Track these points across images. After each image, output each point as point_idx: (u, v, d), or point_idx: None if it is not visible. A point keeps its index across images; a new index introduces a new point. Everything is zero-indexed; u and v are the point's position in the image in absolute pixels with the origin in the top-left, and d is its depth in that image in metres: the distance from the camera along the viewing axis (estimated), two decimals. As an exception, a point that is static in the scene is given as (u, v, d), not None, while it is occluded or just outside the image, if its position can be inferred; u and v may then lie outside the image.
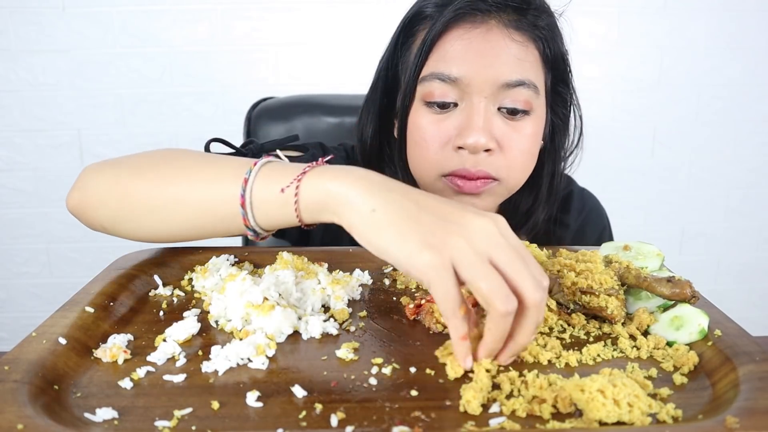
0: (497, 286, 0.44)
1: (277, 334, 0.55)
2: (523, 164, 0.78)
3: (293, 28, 2.00)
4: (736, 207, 2.28)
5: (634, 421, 0.42)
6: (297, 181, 0.55)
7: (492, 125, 0.75)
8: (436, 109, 0.77)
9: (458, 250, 0.45)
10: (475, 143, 0.73)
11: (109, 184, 0.63)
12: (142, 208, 0.62)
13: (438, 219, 0.47)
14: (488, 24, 0.75)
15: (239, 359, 0.51)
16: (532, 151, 0.79)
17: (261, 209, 0.57)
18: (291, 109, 1.21)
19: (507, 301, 0.45)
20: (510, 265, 0.45)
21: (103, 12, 1.93)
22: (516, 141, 0.76)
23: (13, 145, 2.03)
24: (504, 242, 0.46)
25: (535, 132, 0.78)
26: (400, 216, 0.48)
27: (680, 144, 2.19)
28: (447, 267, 0.45)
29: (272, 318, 0.56)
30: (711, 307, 0.59)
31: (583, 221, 0.95)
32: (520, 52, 0.75)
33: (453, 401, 0.45)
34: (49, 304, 2.18)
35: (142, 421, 0.43)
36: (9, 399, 0.43)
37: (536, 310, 0.46)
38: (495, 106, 0.75)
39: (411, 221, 0.47)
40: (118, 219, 0.64)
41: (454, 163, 0.76)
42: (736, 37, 2.10)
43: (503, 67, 0.73)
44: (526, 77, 0.74)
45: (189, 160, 0.62)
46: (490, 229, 0.46)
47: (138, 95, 2.01)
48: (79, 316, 0.56)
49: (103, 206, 0.64)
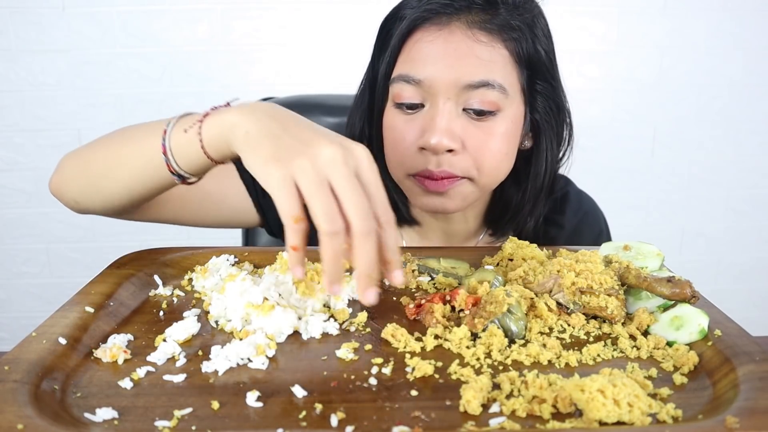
0: (326, 205, 0.48)
1: (277, 334, 0.55)
2: (492, 164, 0.78)
3: (293, 28, 2.00)
4: (736, 207, 2.28)
5: (634, 421, 0.42)
6: (200, 121, 0.60)
7: (456, 126, 0.75)
8: (405, 110, 0.78)
9: (300, 169, 0.49)
10: (436, 144, 0.74)
11: (76, 163, 0.73)
12: (95, 175, 0.70)
13: (295, 141, 0.51)
14: (452, 26, 0.75)
15: (239, 359, 0.51)
16: (502, 150, 0.78)
17: (178, 152, 0.62)
18: (291, 109, 1.21)
19: (331, 222, 0.47)
20: (344, 192, 0.49)
21: (103, 12, 1.93)
22: (482, 141, 0.76)
23: (13, 145, 2.03)
24: (345, 170, 0.49)
25: (506, 132, 0.77)
26: (265, 136, 0.53)
27: (680, 144, 2.19)
28: (288, 181, 0.49)
29: (272, 318, 0.56)
30: (711, 307, 0.59)
31: (579, 223, 0.94)
32: (484, 53, 0.74)
33: (453, 401, 0.45)
34: (49, 304, 2.18)
35: (142, 421, 0.43)
36: (9, 399, 0.43)
37: (362, 238, 0.48)
38: (460, 107, 0.75)
39: (272, 141, 0.52)
40: (83, 191, 0.72)
41: (419, 163, 0.77)
42: (736, 37, 2.10)
43: (465, 68, 0.73)
44: (491, 78, 0.74)
45: (132, 127, 0.69)
46: (336, 156, 0.49)
47: (138, 95, 2.01)
48: (79, 316, 0.56)
49: (72, 181, 0.73)
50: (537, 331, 0.56)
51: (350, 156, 0.50)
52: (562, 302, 0.59)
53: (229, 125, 0.56)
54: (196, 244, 0.76)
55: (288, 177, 0.49)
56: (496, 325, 0.54)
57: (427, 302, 0.60)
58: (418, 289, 0.67)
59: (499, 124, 0.76)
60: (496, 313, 0.55)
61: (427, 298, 0.60)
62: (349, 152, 0.51)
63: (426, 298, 0.60)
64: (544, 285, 0.61)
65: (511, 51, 0.76)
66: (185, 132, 0.61)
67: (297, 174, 0.49)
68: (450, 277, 0.67)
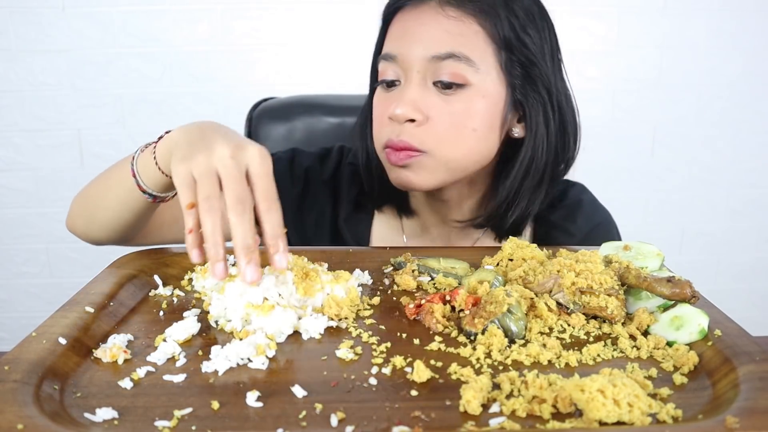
0: (207, 187, 0.56)
1: (277, 334, 0.55)
2: (456, 137, 0.78)
3: (293, 28, 2.00)
4: (736, 207, 2.28)
5: (634, 421, 0.42)
6: (155, 142, 0.68)
7: (423, 97, 0.77)
8: (385, 87, 0.82)
9: (196, 163, 0.57)
10: (399, 113, 0.76)
11: (78, 199, 0.81)
12: (92, 205, 0.78)
13: (203, 144, 0.59)
14: (425, 5, 0.78)
15: (239, 359, 0.51)
16: (468, 125, 0.78)
17: (143, 172, 0.69)
18: (291, 110, 1.21)
19: (207, 200, 0.56)
20: (225, 179, 0.57)
21: (103, 12, 1.93)
22: (447, 113, 0.77)
23: (13, 145, 2.03)
24: (231, 163, 0.57)
25: (475, 107, 0.77)
26: (185, 142, 0.61)
27: (680, 144, 2.19)
28: (186, 175, 0.58)
29: (272, 318, 0.56)
30: (711, 307, 0.59)
31: (590, 233, 0.92)
32: (453, 27, 0.76)
33: (453, 401, 0.45)
34: (49, 304, 2.18)
35: (142, 421, 0.43)
36: (9, 399, 0.43)
37: (234, 215, 0.55)
38: (430, 80, 0.77)
39: (187, 146, 0.60)
40: (86, 222, 0.80)
41: (386, 133, 0.80)
42: (736, 37, 2.10)
43: (431, 41, 0.76)
44: (457, 50, 0.75)
45: (121, 159, 0.76)
46: (225, 153, 0.57)
47: (138, 95, 2.01)
48: (79, 316, 0.56)
49: (78, 217, 0.81)
50: (537, 331, 0.56)
51: (241, 153, 0.58)
52: (562, 302, 0.59)
53: (169, 139, 0.65)
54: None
55: (187, 171, 0.58)
56: (496, 325, 0.54)
57: (427, 302, 0.60)
58: (418, 289, 0.67)
59: (470, 97, 0.77)
60: (496, 313, 0.55)
61: (427, 298, 0.60)
62: (240, 150, 0.58)
63: (426, 298, 0.60)
64: (544, 285, 0.61)
65: (486, 29, 0.77)
66: (142, 152, 0.70)
67: (193, 168, 0.58)
68: (450, 277, 0.67)
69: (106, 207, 0.76)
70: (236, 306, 0.58)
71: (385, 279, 0.70)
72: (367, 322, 0.59)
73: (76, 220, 0.81)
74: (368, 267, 0.71)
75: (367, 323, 0.59)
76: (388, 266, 0.72)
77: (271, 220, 0.58)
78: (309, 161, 0.96)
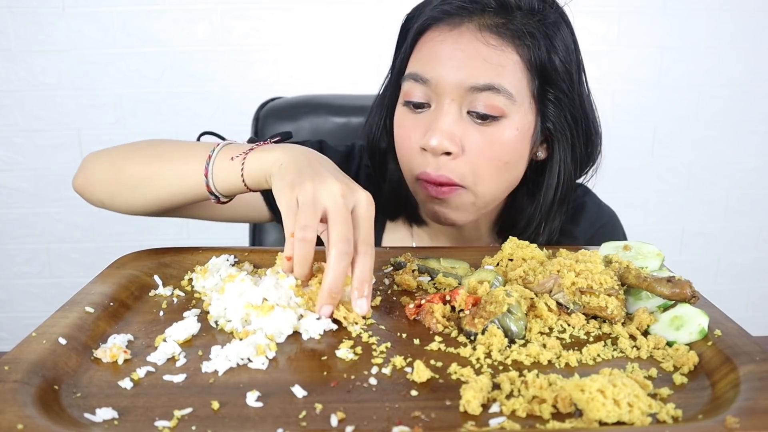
0: (307, 218, 0.57)
1: (277, 335, 0.55)
2: (491, 172, 0.76)
3: (293, 28, 2.00)
4: (736, 207, 2.28)
5: (634, 421, 0.42)
6: (245, 153, 0.68)
7: (458, 129, 0.74)
8: (413, 109, 0.78)
9: (303, 191, 0.58)
10: (435, 145, 0.73)
11: (105, 167, 0.78)
12: (131, 184, 0.76)
13: (312, 174, 0.60)
14: (463, 27, 0.74)
15: (239, 359, 0.51)
16: (503, 158, 0.76)
17: (218, 177, 0.70)
18: (298, 109, 1.22)
19: (303, 230, 0.56)
20: (333, 218, 0.57)
21: (103, 12, 1.93)
22: (482, 146, 0.74)
23: (13, 145, 2.03)
24: (341, 202, 0.58)
25: (510, 139, 0.75)
26: (292, 168, 0.62)
27: (680, 144, 2.19)
28: (292, 203, 0.59)
29: (272, 318, 0.56)
30: (711, 307, 0.59)
31: (594, 235, 0.92)
32: (492, 56, 0.73)
33: (453, 401, 0.45)
34: (49, 304, 2.18)
35: (142, 421, 0.43)
36: (9, 399, 0.43)
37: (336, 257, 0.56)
38: (464, 109, 0.74)
39: (295, 172, 0.61)
40: (114, 195, 0.77)
41: (419, 164, 0.77)
42: (736, 37, 2.10)
43: (471, 70, 0.73)
44: (497, 82, 0.73)
45: (168, 145, 0.76)
46: (336, 190, 0.58)
47: (138, 95, 2.01)
48: (79, 316, 0.56)
49: (102, 185, 0.78)
50: (537, 331, 0.56)
51: (350, 194, 0.59)
52: (562, 302, 0.59)
53: (273, 159, 0.65)
54: (196, 244, 0.76)
55: (294, 199, 0.58)
56: (496, 325, 0.54)
57: (427, 302, 0.60)
58: (418, 289, 0.67)
59: (503, 130, 0.75)
60: (496, 313, 0.55)
61: (427, 298, 0.60)
62: (350, 191, 0.59)
63: (426, 298, 0.60)
64: (544, 285, 0.61)
65: (523, 57, 0.74)
66: (231, 160, 0.68)
67: (299, 194, 0.58)
68: (450, 277, 0.67)
69: (153, 192, 0.74)
70: (236, 306, 0.58)
71: (385, 279, 0.70)
72: (368, 322, 0.59)
73: (98, 187, 0.78)
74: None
75: (368, 323, 0.59)
76: (388, 266, 0.72)
77: (363, 265, 0.58)
78: (336, 159, 0.92)
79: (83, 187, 0.79)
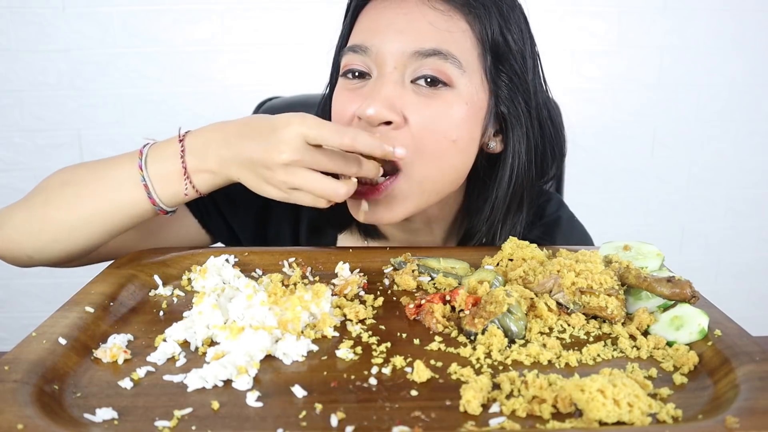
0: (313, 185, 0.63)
1: (247, 359, 0.50)
2: (435, 149, 0.69)
3: (293, 28, 2.00)
4: (736, 207, 2.28)
5: (634, 421, 0.42)
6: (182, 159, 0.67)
7: (400, 97, 0.68)
8: (350, 79, 0.72)
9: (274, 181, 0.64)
10: (373, 114, 0.66)
11: (24, 220, 0.70)
12: (61, 231, 0.69)
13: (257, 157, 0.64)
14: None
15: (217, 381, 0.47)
16: (450, 135, 0.69)
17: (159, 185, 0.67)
18: (295, 109, 1.20)
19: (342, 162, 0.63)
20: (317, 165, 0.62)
21: (103, 12, 1.93)
22: (427, 118, 0.68)
23: (13, 145, 2.02)
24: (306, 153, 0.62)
25: (458, 114, 0.69)
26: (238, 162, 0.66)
27: (680, 144, 2.19)
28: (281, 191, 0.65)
29: (241, 342, 0.51)
30: (711, 307, 0.59)
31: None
32: (439, 21, 0.68)
33: (453, 401, 0.45)
34: (49, 304, 2.17)
35: (142, 421, 0.43)
36: (9, 399, 0.43)
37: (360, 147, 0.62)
38: (408, 78, 0.68)
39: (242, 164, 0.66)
40: (43, 246, 0.71)
41: None
42: (736, 37, 2.10)
43: (415, 34, 0.67)
44: (444, 47, 0.67)
45: (85, 175, 0.70)
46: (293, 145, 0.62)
47: (138, 95, 2.01)
48: (79, 316, 0.56)
49: (25, 239, 0.70)
50: (537, 331, 0.56)
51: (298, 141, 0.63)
52: (562, 302, 0.59)
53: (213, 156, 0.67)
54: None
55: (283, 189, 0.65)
56: (496, 325, 0.54)
57: (427, 302, 0.60)
58: (418, 289, 0.67)
59: (451, 103, 0.69)
60: (496, 313, 0.55)
61: (427, 298, 0.60)
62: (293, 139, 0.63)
63: (426, 298, 0.60)
64: (544, 285, 0.61)
65: (474, 28, 0.70)
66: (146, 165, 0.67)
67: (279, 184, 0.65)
68: (450, 277, 0.67)
69: (89, 231, 0.69)
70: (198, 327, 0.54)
71: (385, 279, 0.70)
72: (368, 322, 0.59)
73: (23, 244, 0.70)
74: (368, 267, 0.71)
75: (368, 323, 0.59)
76: (388, 266, 0.72)
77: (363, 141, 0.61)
78: None
79: (5, 248, 0.72)
